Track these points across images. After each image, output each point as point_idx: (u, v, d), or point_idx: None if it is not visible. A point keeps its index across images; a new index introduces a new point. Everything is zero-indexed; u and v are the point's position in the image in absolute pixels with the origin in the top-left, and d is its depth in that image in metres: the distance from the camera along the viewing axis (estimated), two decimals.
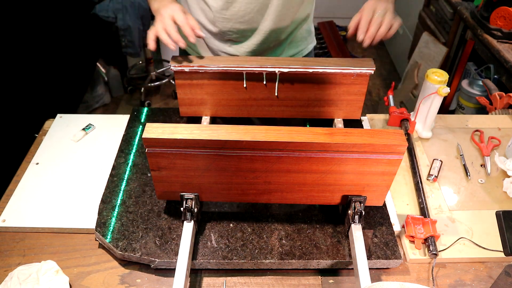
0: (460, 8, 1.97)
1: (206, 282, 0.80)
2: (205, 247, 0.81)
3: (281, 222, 0.86)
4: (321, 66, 0.94)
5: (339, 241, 0.83)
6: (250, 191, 0.82)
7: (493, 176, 1.01)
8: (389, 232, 0.85)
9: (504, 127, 1.15)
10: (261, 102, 1.02)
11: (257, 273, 0.82)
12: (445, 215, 0.91)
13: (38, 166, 0.99)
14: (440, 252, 0.83)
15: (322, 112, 1.04)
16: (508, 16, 1.64)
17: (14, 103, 1.83)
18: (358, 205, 0.80)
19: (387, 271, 0.82)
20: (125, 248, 0.80)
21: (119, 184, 0.93)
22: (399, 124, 1.12)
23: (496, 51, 1.64)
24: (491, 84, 1.36)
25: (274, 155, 0.74)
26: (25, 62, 1.92)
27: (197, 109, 1.03)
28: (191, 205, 0.80)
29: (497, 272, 0.82)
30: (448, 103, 2.22)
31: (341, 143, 0.72)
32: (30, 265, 0.78)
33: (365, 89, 0.99)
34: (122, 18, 2.37)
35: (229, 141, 0.72)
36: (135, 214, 0.86)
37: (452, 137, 1.11)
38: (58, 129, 1.10)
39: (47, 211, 0.89)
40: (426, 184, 0.98)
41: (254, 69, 0.94)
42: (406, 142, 0.73)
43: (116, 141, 1.06)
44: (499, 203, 0.94)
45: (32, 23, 1.93)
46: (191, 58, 0.96)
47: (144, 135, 0.72)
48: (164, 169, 0.78)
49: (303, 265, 0.81)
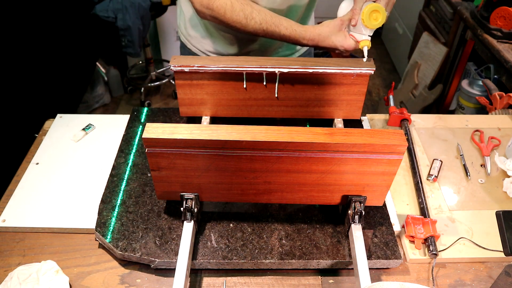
0: (460, 8, 1.97)
1: (206, 282, 0.80)
2: (205, 247, 0.81)
3: (281, 222, 0.86)
4: (321, 66, 0.94)
5: (339, 241, 0.83)
6: (250, 191, 0.82)
7: (493, 176, 1.01)
8: (389, 232, 0.85)
9: (504, 127, 1.15)
10: (261, 102, 1.02)
11: (257, 273, 0.82)
12: (445, 215, 0.91)
13: (38, 166, 0.99)
14: (440, 252, 0.83)
15: (322, 112, 1.04)
16: (508, 16, 1.65)
17: (14, 103, 1.83)
18: (358, 205, 0.80)
19: (387, 271, 0.82)
20: (125, 248, 0.80)
21: (119, 184, 0.93)
22: (399, 124, 1.12)
23: (496, 51, 1.64)
24: (491, 84, 1.36)
25: (274, 155, 0.74)
26: (25, 62, 1.92)
27: (197, 109, 1.03)
28: (191, 205, 0.80)
29: (497, 272, 0.82)
30: (448, 103, 2.22)
31: (341, 143, 0.72)
32: (30, 265, 0.78)
33: (365, 89, 0.99)
34: (122, 18, 2.37)
35: (229, 141, 0.72)
36: (135, 214, 0.87)
37: (452, 137, 1.11)
38: (58, 129, 1.10)
39: (47, 211, 0.89)
40: (426, 184, 0.98)
41: (254, 69, 0.94)
42: (406, 142, 0.73)
43: (116, 141, 1.06)
44: (499, 203, 0.94)
45: (32, 23, 1.93)
46: (191, 58, 0.96)
47: (144, 135, 0.72)
48: (164, 169, 0.78)
49: (303, 265, 0.81)
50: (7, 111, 1.78)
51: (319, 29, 0.97)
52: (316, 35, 0.97)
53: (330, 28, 0.96)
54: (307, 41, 0.98)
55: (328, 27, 0.96)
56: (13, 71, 1.83)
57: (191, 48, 1.22)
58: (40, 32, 2.00)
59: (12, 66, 1.83)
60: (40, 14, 1.99)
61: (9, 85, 1.80)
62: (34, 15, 1.94)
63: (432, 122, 1.16)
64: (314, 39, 0.97)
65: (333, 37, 0.96)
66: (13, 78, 1.84)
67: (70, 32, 2.23)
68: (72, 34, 2.26)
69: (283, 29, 0.97)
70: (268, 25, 0.96)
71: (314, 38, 0.97)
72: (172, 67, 0.94)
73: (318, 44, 0.98)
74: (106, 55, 2.79)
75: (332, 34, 0.96)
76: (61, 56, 2.18)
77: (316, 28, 0.97)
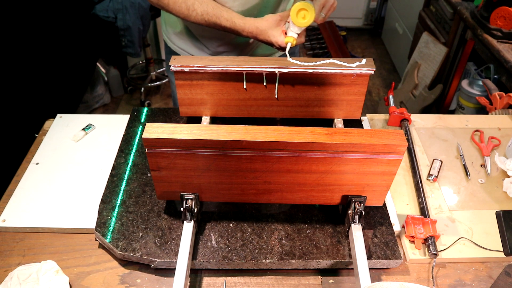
0: (460, 8, 1.97)
1: (206, 282, 0.80)
2: (205, 247, 0.81)
3: (281, 222, 0.86)
4: (321, 66, 0.94)
5: (339, 241, 0.83)
6: (250, 191, 0.82)
7: (493, 176, 1.01)
8: (389, 232, 0.85)
9: (504, 127, 1.15)
10: (261, 102, 1.02)
11: (257, 273, 0.82)
12: (445, 215, 0.91)
13: (38, 166, 0.99)
14: (440, 252, 0.83)
15: (322, 112, 1.04)
16: (508, 16, 1.64)
17: (14, 103, 1.83)
18: (358, 205, 0.80)
19: (387, 271, 0.82)
20: (125, 248, 0.80)
21: (119, 184, 0.93)
22: (399, 124, 1.12)
23: (496, 51, 1.64)
24: (491, 84, 1.36)
25: (274, 155, 0.74)
26: (25, 62, 1.92)
27: (197, 109, 1.03)
28: (191, 205, 0.80)
29: (497, 272, 0.82)
30: (448, 103, 2.22)
31: (341, 143, 0.72)
32: (30, 265, 0.78)
33: (365, 89, 0.99)
34: (122, 18, 2.37)
35: (229, 141, 0.72)
36: (135, 214, 0.87)
37: (452, 137, 1.11)
38: (58, 129, 1.10)
39: (47, 211, 0.89)
40: (426, 184, 0.98)
41: (254, 70, 0.94)
42: (406, 142, 0.73)
43: (116, 141, 1.06)
44: (499, 203, 0.94)
45: (32, 23, 1.92)
46: (191, 58, 0.96)
47: (144, 135, 0.72)
48: (164, 169, 0.78)
49: (303, 265, 0.81)
50: (7, 111, 1.78)
51: (259, 22, 0.97)
52: (255, 28, 0.97)
53: (269, 22, 0.96)
54: (247, 33, 0.98)
55: (267, 22, 0.96)
56: (13, 71, 1.83)
57: (171, 46, 1.25)
58: (40, 32, 1.99)
59: (12, 66, 1.83)
60: (40, 14, 1.99)
61: (9, 85, 1.80)
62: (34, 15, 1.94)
63: (432, 122, 1.16)
64: (253, 32, 0.97)
65: (269, 31, 0.96)
66: (13, 78, 1.83)
67: (70, 32, 2.23)
68: (72, 34, 2.25)
69: (223, 20, 0.98)
70: (210, 17, 0.98)
71: (253, 31, 0.97)
72: (172, 67, 0.94)
73: (256, 37, 0.99)
74: (106, 55, 2.79)
75: (269, 29, 0.96)
76: (61, 56, 2.18)
77: (256, 21, 0.97)
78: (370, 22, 3.67)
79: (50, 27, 2.07)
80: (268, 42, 0.98)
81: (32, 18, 1.93)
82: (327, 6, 0.95)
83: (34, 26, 1.95)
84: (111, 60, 2.83)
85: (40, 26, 2.00)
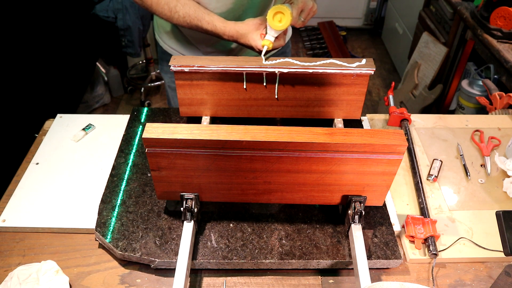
0: (460, 8, 1.97)
1: (206, 282, 0.80)
2: (205, 247, 0.81)
3: (281, 222, 0.86)
4: (321, 66, 0.94)
5: (339, 241, 0.83)
6: (250, 191, 0.82)
7: (493, 176, 1.01)
8: (389, 232, 0.85)
9: (504, 127, 1.15)
10: (261, 102, 1.02)
11: (257, 273, 0.82)
12: (445, 215, 0.91)
13: (38, 166, 0.99)
14: (440, 252, 0.83)
15: (322, 112, 1.04)
16: (508, 16, 1.65)
17: (14, 103, 1.83)
18: (358, 205, 0.80)
19: (387, 271, 0.82)
20: (125, 248, 0.80)
21: (119, 184, 0.93)
22: (399, 124, 1.12)
23: (496, 51, 1.64)
24: (491, 84, 1.36)
25: (274, 155, 0.74)
26: (25, 62, 1.92)
27: (197, 109, 1.03)
28: (191, 205, 0.80)
29: (497, 272, 0.82)
30: (448, 103, 2.22)
31: (341, 143, 0.72)
32: (30, 265, 0.78)
33: (365, 89, 0.99)
34: (122, 18, 2.37)
35: (229, 141, 0.72)
36: (135, 214, 0.87)
37: (452, 137, 1.11)
38: (58, 129, 1.10)
39: (47, 211, 0.89)
40: (426, 184, 0.98)
41: (254, 70, 0.94)
42: (406, 142, 0.73)
43: (116, 141, 1.06)
44: (499, 203, 0.94)
45: (32, 23, 1.92)
46: (191, 58, 0.96)
47: (144, 135, 0.72)
48: (164, 169, 0.78)
49: (303, 265, 0.81)
50: (7, 111, 1.78)
51: (239, 26, 0.97)
52: (235, 32, 0.97)
53: (249, 26, 0.96)
54: (228, 37, 0.98)
55: (247, 25, 0.96)
56: (13, 71, 1.83)
57: (162, 45, 1.25)
58: (40, 32, 1.99)
59: (12, 66, 1.83)
60: (40, 14, 1.99)
61: (9, 85, 1.80)
62: (34, 15, 1.94)
63: (432, 122, 1.16)
64: (233, 36, 0.97)
65: (249, 35, 0.96)
66: (13, 78, 1.83)
67: (70, 32, 2.23)
68: (72, 34, 2.26)
69: (205, 23, 0.98)
70: (191, 19, 0.98)
71: (233, 35, 0.97)
72: (172, 67, 0.94)
73: (237, 41, 0.99)
74: (106, 55, 2.79)
75: (249, 33, 0.96)
76: (61, 56, 2.18)
77: (236, 25, 0.97)
78: (370, 22, 3.68)
79: (50, 27, 2.07)
80: (248, 45, 0.98)
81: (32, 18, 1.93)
82: (306, 10, 0.95)
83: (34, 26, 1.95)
84: (111, 60, 2.83)
85: (40, 26, 2.00)
